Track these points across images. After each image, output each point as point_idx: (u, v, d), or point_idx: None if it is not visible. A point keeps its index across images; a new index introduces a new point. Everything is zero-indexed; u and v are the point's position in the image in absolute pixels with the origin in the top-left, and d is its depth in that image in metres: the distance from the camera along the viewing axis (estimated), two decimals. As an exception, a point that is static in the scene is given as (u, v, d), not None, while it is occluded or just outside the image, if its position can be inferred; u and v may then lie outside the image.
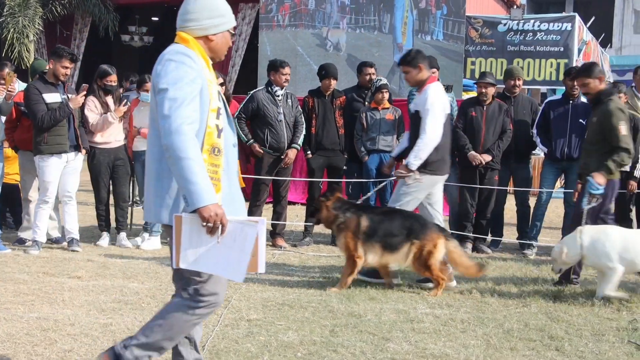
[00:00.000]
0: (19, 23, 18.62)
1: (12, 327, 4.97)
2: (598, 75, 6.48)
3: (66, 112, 7.49)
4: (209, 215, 3.19)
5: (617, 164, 6.25)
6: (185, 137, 3.20)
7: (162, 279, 6.58)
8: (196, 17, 3.46)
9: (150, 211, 3.47)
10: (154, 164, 3.41)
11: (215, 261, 3.28)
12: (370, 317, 5.47)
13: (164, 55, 3.36)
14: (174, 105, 3.22)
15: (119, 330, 4.97)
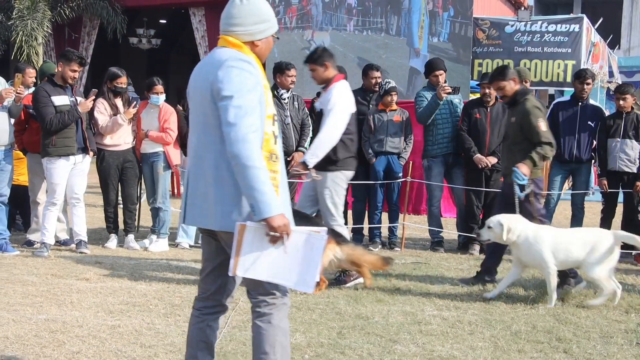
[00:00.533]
0: (28, 26, 18.69)
1: (21, 328, 4.99)
2: (512, 77, 6.57)
3: (75, 115, 7.52)
4: (277, 225, 3.18)
5: (540, 156, 6.34)
6: (253, 145, 3.19)
7: (170, 280, 6.59)
8: (242, 22, 3.41)
9: (207, 218, 3.38)
10: (211, 170, 3.33)
11: (275, 270, 3.26)
12: (378, 319, 5.47)
13: (225, 61, 3.29)
14: (240, 113, 3.20)
15: (126, 332, 4.99)
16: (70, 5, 19.60)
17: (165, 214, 8.19)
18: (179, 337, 4.90)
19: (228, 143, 3.20)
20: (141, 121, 8.18)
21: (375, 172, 8.55)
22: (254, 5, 3.43)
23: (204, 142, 3.39)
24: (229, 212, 3.30)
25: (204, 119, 3.36)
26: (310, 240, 3.30)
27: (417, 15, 14.88)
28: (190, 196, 3.47)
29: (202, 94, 3.35)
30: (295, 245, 3.26)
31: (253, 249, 3.24)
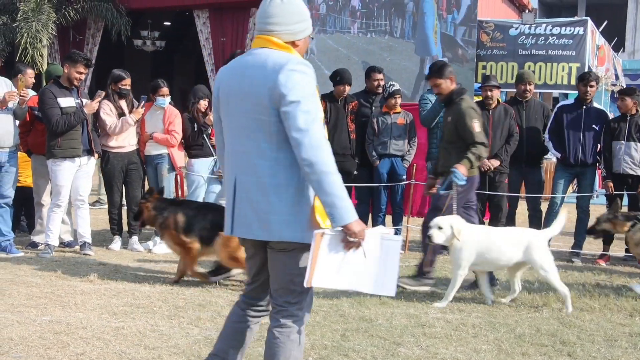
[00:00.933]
0: (33, 28, 18.71)
1: (25, 330, 5.00)
2: (449, 75, 6.56)
3: (80, 117, 7.54)
4: (357, 230, 3.11)
5: (476, 157, 6.37)
6: (328, 150, 3.10)
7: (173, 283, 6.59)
8: (284, 22, 3.29)
9: (261, 228, 3.24)
10: (267, 178, 3.20)
11: (353, 277, 3.21)
12: (382, 321, 5.47)
13: (285, 65, 3.15)
14: (309, 119, 3.09)
15: (130, 333, 4.99)
16: (75, 8, 19.63)
17: (169, 216, 8.19)
18: (182, 339, 4.91)
19: (302, 149, 3.07)
20: (145, 123, 8.19)
21: (379, 174, 8.55)
22: (294, 4, 3.32)
23: (255, 149, 3.23)
24: (290, 221, 3.20)
25: (257, 125, 3.21)
26: (384, 243, 3.25)
27: (431, 20, 14.94)
28: (238, 206, 3.31)
29: (254, 99, 3.20)
30: (371, 250, 3.21)
31: (331, 258, 3.16)
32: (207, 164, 8.27)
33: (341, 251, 3.18)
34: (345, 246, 3.17)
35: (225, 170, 3.44)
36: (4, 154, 7.55)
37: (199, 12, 19.04)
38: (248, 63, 3.30)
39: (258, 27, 3.35)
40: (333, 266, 3.17)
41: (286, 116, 3.11)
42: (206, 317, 5.46)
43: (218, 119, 3.49)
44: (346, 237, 3.15)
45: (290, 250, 3.24)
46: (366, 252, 3.19)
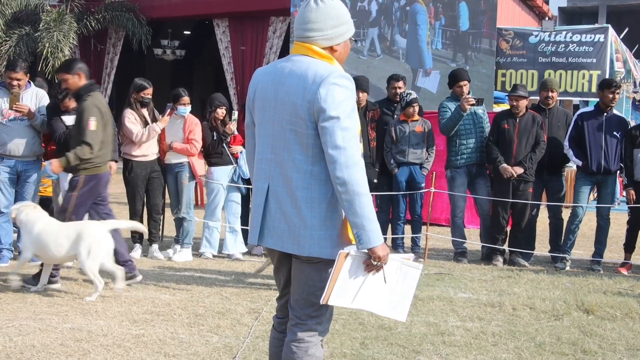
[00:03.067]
0: (54, 38, 18.91)
1: (47, 337, 5.04)
2: (77, 71, 6.55)
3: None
4: (382, 255, 3.09)
5: (76, 157, 6.38)
6: (362, 170, 3.04)
7: (193, 290, 6.62)
8: (321, 27, 3.18)
9: (291, 242, 3.18)
10: (301, 191, 3.13)
11: (368, 298, 3.19)
12: (401, 329, 5.46)
13: (326, 78, 3.07)
14: (347, 136, 3.03)
15: (150, 341, 5.02)
16: (96, 17, 19.83)
17: (189, 224, 8.23)
18: (202, 346, 4.93)
19: (336, 167, 3.02)
20: (165, 132, 8.22)
21: (398, 182, 8.55)
22: (331, 7, 3.20)
23: (289, 160, 3.16)
24: (320, 237, 3.14)
25: (293, 136, 3.14)
26: (403, 268, 3.24)
27: (424, 32, 15.29)
28: (269, 217, 3.23)
29: (291, 109, 3.13)
30: (390, 273, 3.20)
31: (351, 278, 3.13)
32: (226, 172, 8.30)
33: (362, 274, 3.16)
34: (366, 268, 3.15)
35: (256, 176, 3.34)
36: (22, 163, 7.61)
37: (218, 21, 19.16)
38: (287, 70, 3.20)
39: (296, 33, 3.27)
40: (352, 287, 3.16)
41: (324, 131, 3.05)
42: (225, 325, 5.47)
43: (251, 122, 3.42)
44: (369, 260, 3.13)
45: (315, 263, 3.19)
46: (386, 276, 3.18)
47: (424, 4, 15.14)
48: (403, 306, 3.27)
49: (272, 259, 3.44)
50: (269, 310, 5.87)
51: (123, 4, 20.12)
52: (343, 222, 3.17)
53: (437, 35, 14.96)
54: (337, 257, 3.11)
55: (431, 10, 15.09)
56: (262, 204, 3.25)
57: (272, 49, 18.53)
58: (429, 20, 15.04)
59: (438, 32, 14.97)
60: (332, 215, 3.15)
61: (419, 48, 15.14)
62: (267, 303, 6.14)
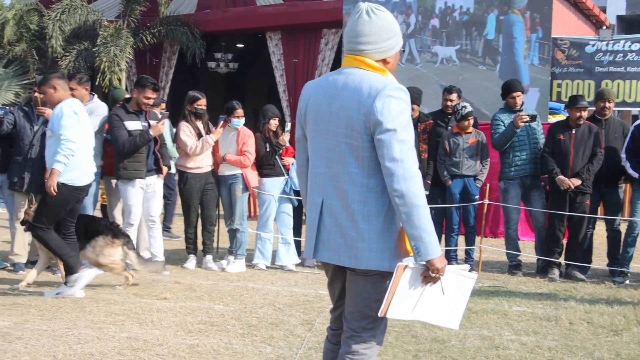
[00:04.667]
0: (111, 52, 19.32)
1: (105, 346, 5.13)
2: None
3: (146, 138, 7.69)
4: (440, 267, 3.09)
5: None
6: (420, 183, 3.04)
7: (247, 301, 6.67)
8: (373, 40, 3.17)
9: (347, 255, 3.16)
10: (357, 205, 3.12)
11: (424, 309, 3.20)
12: (454, 342, 5.41)
13: (382, 90, 3.06)
14: (404, 148, 3.02)
15: (205, 351, 5.07)
16: (152, 32, 20.20)
17: (242, 235, 8.30)
18: (255, 357, 4.96)
19: (394, 180, 3.01)
20: (219, 144, 8.32)
21: (452, 194, 8.48)
22: (383, 19, 3.19)
23: (345, 174, 3.15)
24: (378, 250, 3.12)
25: (348, 150, 3.13)
26: (459, 279, 3.24)
27: (521, 45, 14.49)
28: (325, 230, 3.22)
29: (346, 123, 3.13)
30: (447, 285, 3.19)
31: (409, 290, 3.14)
32: (278, 183, 8.36)
33: (420, 286, 3.15)
34: (423, 280, 3.14)
35: (309, 190, 3.34)
36: None
37: (271, 34, 19.33)
38: (340, 84, 3.19)
39: (347, 46, 3.25)
40: (410, 299, 3.16)
41: (380, 144, 3.04)
42: (279, 336, 5.50)
43: (302, 136, 3.41)
44: (427, 272, 3.12)
45: (371, 275, 3.18)
46: (444, 288, 3.18)
47: (520, 14, 14.46)
48: (456, 315, 3.27)
49: (327, 272, 3.44)
50: (322, 322, 5.88)
51: (178, 18, 20.45)
52: (400, 234, 3.17)
53: (534, 49, 14.55)
54: (395, 269, 3.10)
55: (527, 22, 14.45)
56: (316, 218, 3.25)
57: (324, 61, 18.61)
58: (525, 32, 14.44)
59: (534, 45, 14.44)
60: (389, 227, 3.14)
61: (514, 63, 14.44)
62: (321, 314, 6.15)
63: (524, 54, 14.38)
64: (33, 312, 6.08)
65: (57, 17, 20.20)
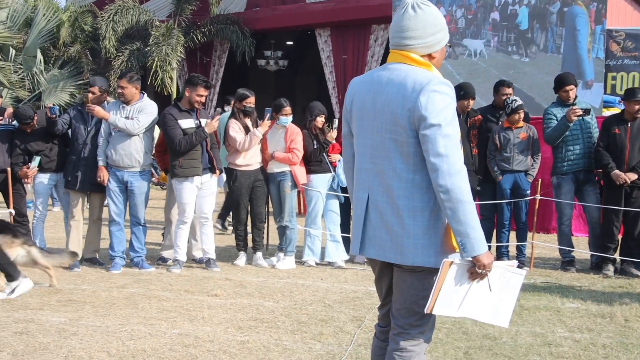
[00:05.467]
0: (163, 52, 19.59)
1: (157, 342, 5.21)
2: None
3: (202, 136, 7.79)
4: (487, 263, 3.05)
5: None
6: (465, 178, 3.02)
7: (297, 298, 6.69)
8: (420, 35, 3.14)
9: (392, 251, 3.15)
10: (402, 200, 3.10)
11: (472, 306, 3.18)
12: (506, 339, 5.34)
13: (426, 85, 3.04)
14: (449, 143, 3.00)
15: (255, 347, 5.11)
16: (202, 31, 20.41)
17: (292, 232, 8.33)
18: (305, 354, 4.97)
19: (439, 175, 2.99)
20: (267, 142, 8.36)
21: (502, 190, 8.38)
22: (429, 14, 3.16)
23: (390, 169, 3.13)
24: (424, 246, 3.10)
25: (393, 145, 3.12)
26: (506, 274, 3.20)
27: (585, 37, 13.93)
28: (370, 227, 3.22)
29: (391, 118, 3.11)
30: (494, 281, 3.16)
31: (456, 287, 3.12)
32: (325, 180, 8.38)
33: (466, 282, 3.12)
34: (470, 277, 3.11)
35: (355, 186, 3.32)
36: (127, 174, 7.90)
37: (320, 31, 19.36)
38: (385, 79, 3.17)
39: (392, 41, 3.22)
40: (456, 296, 3.13)
41: (425, 139, 3.02)
42: (328, 333, 5.51)
43: (348, 133, 3.41)
44: (474, 268, 3.09)
45: (418, 272, 3.16)
46: (491, 284, 3.14)
47: (583, 6, 14.02)
48: (506, 312, 3.22)
49: (374, 269, 3.43)
50: (371, 318, 5.87)
51: (228, 16, 20.63)
52: (446, 230, 3.14)
53: (599, 42, 13.91)
54: (441, 265, 3.08)
55: (591, 13, 13.97)
56: (362, 214, 3.24)
57: (374, 57, 18.56)
58: (590, 24, 13.97)
59: (599, 37, 13.81)
60: (435, 223, 3.12)
61: (577, 56, 14.01)
62: (370, 311, 6.14)
63: (587, 47, 14.02)
64: (87, 308, 6.20)
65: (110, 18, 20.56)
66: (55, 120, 7.95)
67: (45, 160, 8.11)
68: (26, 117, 7.98)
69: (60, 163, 8.16)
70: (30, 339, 5.22)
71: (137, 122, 7.77)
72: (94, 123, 8.00)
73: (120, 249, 8.01)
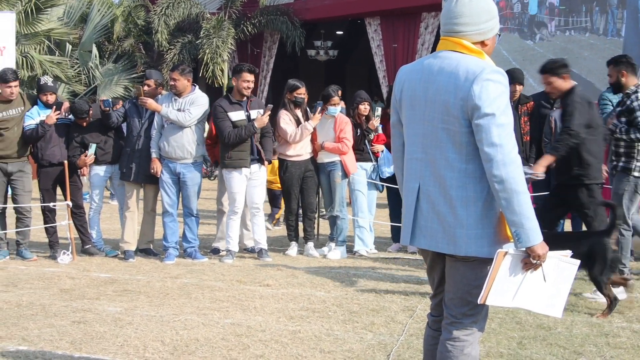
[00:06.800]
0: (214, 44, 19.72)
1: (210, 331, 5.27)
2: None
3: (251, 131, 7.83)
4: (542, 253, 3.02)
5: None
6: (519, 168, 2.99)
7: (348, 288, 6.69)
8: (473, 22, 3.11)
9: (445, 241, 3.12)
10: (455, 190, 3.07)
11: (525, 296, 3.15)
12: (561, 329, 5.26)
13: (479, 74, 3.00)
14: (503, 133, 2.97)
15: (307, 337, 5.12)
16: (252, 22, 20.47)
17: (342, 222, 8.32)
18: (357, 343, 4.97)
19: (493, 165, 2.95)
20: (317, 132, 8.36)
21: (557, 177, 8.21)
22: (483, 1, 3.14)
23: (442, 159, 3.11)
24: (477, 236, 3.07)
25: (445, 135, 3.09)
26: (560, 265, 3.16)
27: None
28: (422, 217, 3.19)
29: (443, 108, 3.08)
30: (548, 271, 3.13)
31: (510, 277, 3.08)
32: (367, 169, 8.40)
33: (520, 272, 3.09)
34: (524, 267, 3.07)
35: (406, 176, 3.28)
36: (179, 165, 7.99)
37: (370, 20, 19.24)
38: (436, 68, 3.14)
39: (444, 28, 3.18)
40: (510, 286, 3.09)
41: (479, 129, 2.99)
42: (380, 322, 5.49)
43: (397, 122, 3.37)
44: (528, 259, 3.05)
45: (471, 262, 3.13)
46: (546, 275, 3.10)
47: None
48: (559, 302, 3.18)
49: (425, 259, 3.41)
50: (423, 308, 5.84)
51: (278, 7, 20.65)
52: (499, 220, 3.10)
53: None
54: (495, 255, 3.04)
55: None
56: (413, 204, 3.21)
57: (424, 45, 18.37)
58: None
59: None
60: (488, 213, 3.08)
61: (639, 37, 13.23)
62: (422, 300, 6.11)
63: None
64: (142, 298, 6.30)
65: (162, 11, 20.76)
66: (110, 113, 8.09)
67: (101, 152, 8.25)
68: (82, 112, 8.13)
69: (115, 155, 8.30)
70: (88, 328, 5.33)
71: (188, 114, 7.85)
72: (148, 116, 8.12)
73: (173, 240, 8.12)
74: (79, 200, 8.35)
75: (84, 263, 7.91)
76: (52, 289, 6.66)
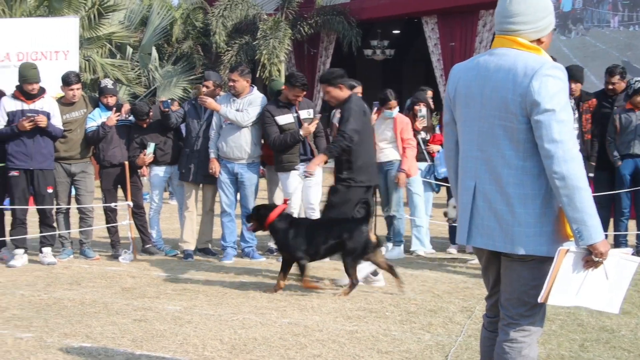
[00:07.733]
0: (270, 45, 19.86)
1: (267, 331, 5.30)
2: None
3: (296, 139, 7.79)
4: (604, 251, 2.97)
5: None
6: (580, 164, 2.93)
7: (405, 288, 6.64)
8: (531, 19, 3.08)
9: (503, 240, 3.07)
10: (513, 188, 3.03)
11: (585, 294, 3.10)
12: (625, 332, 5.14)
13: (538, 70, 2.96)
14: (564, 129, 2.92)
15: (364, 337, 5.11)
16: (309, 23, 20.57)
17: (399, 222, 8.28)
18: (414, 344, 4.94)
19: (554, 162, 2.91)
20: (375, 132, 8.32)
21: (621, 176, 8.04)
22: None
23: (499, 157, 3.07)
24: (535, 234, 3.03)
25: (503, 132, 3.05)
26: (622, 262, 3.11)
27: None
28: (478, 215, 3.15)
29: (500, 104, 3.04)
30: (610, 269, 3.08)
31: (571, 276, 3.04)
32: (421, 169, 8.36)
33: (582, 270, 3.03)
34: (585, 265, 3.01)
35: (462, 175, 3.26)
36: (237, 165, 8.05)
37: (427, 19, 19.14)
38: (492, 65, 3.10)
39: (499, 26, 3.15)
40: (572, 285, 3.04)
41: (539, 125, 2.94)
42: (437, 323, 5.45)
43: (451, 120, 3.34)
44: (590, 256, 2.99)
45: (528, 261, 3.08)
46: (608, 273, 3.04)
47: None
48: (617, 298, 3.12)
49: (480, 258, 3.37)
50: (481, 309, 5.77)
51: (334, 7, 20.71)
52: (558, 218, 3.05)
53: None
54: (556, 253, 2.99)
55: None
56: (469, 203, 3.17)
57: (482, 43, 18.20)
58: None
59: None
60: (547, 211, 3.03)
61: None
62: (480, 301, 6.03)
63: None
64: (201, 297, 6.38)
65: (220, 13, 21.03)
66: (169, 114, 8.21)
67: (160, 153, 8.38)
68: (142, 114, 8.28)
69: (174, 156, 8.42)
70: (148, 326, 5.42)
71: (247, 114, 7.91)
72: (206, 117, 8.21)
73: (231, 240, 8.19)
74: (139, 201, 8.50)
75: (145, 262, 8.05)
76: (114, 287, 6.79)
